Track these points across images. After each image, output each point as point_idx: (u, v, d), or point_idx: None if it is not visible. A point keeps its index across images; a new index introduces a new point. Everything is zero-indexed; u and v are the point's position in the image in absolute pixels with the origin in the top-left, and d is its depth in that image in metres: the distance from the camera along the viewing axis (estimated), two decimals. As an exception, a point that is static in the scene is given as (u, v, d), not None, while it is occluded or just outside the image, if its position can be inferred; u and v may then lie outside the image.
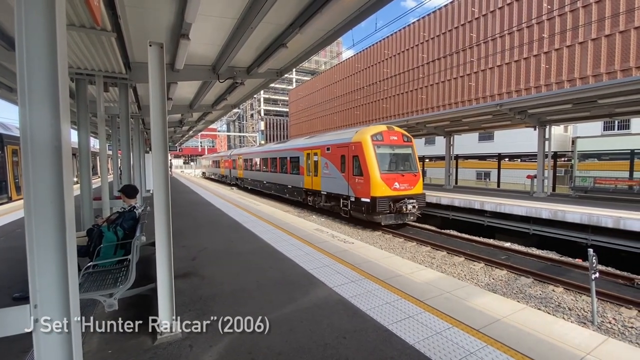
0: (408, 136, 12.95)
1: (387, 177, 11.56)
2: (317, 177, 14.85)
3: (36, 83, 1.70)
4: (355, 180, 12.12)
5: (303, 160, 16.30)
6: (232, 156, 32.75)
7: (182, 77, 7.59)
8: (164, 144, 3.07)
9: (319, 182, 14.65)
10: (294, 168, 17.47)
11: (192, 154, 79.06)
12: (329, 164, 13.86)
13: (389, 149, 12.35)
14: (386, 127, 12.76)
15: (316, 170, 14.92)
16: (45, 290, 1.78)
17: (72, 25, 4.13)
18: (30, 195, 1.74)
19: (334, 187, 13.54)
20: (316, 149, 15.04)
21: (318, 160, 14.75)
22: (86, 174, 6.68)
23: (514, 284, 7.03)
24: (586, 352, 2.77)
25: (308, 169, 15.76)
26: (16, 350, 2.81)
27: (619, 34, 22.09)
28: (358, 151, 11.97)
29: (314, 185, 15.16)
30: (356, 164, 12.08)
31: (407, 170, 12.39)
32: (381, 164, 11.64)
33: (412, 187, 12.08)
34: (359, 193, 11.93)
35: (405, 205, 11.38)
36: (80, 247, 4.08)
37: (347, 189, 12.63)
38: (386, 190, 11.40)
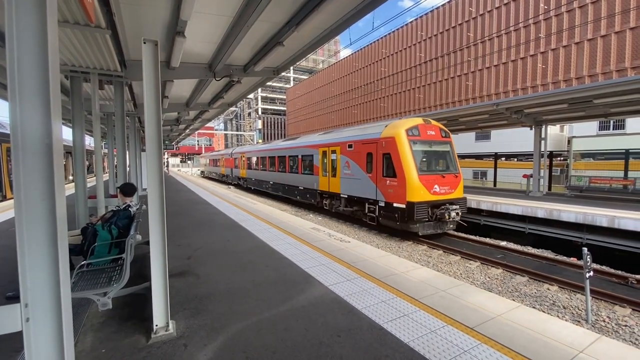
0: (446, 131, 11.21)
1: (426, 179, 9.86)
2: (335, 178, 13.24)
3: (27, 79, 1.68)
4: (386, 182, 10.42)
5: (318, 158, 14.65)
6: (233, 154, 30.51)
7: (178, 75, 7.55)
8: (159, 142, 3.05)
9: (338, 184, 13.02)
10: (307, 167, 15.89)
11: (189, 152, 78.78)
12: (351, 163, 12.17)
13: (427, 145, 10.62)
14: (422, 119, 10.89)
15: (334, 170, 13.30)
16: (36, 289, 1.76)
17: (66, 22, 4.10)
18: (21, 193, 1.72)
19: (357, 190, 11.88)
20: (334, 146, 13.36)
21: (337, 158, 13.08)
22: (81, 172, 6.64)
23: (509, 282, 7.07)
24: (579, 350, 2.79)
25: (324, 168, 14.16)
26: (8, 350, 2.78)
27: (615, 35, 22.23)
28: (390, 148, 10.25)
29: (332, 187, 13.55)
30: (387, 164, 10.41)
31: (448, 171, 10.66)
32: (419, 164, 9.99)
33: (453, 191, 10.40)
34: (391, 197, 10.23)
35: (447, 212, 9.74)
36: (75, 245, 4.06)
37: (374, 193, 10.94)
38: (425, 195, 9.74)
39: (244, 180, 27.23)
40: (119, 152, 7.69)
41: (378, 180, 10.83)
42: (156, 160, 3.06)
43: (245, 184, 26.74)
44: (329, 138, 14.27)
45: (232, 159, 30.97)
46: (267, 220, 9.08)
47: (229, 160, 32.28)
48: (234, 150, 31.43)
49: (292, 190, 17.51)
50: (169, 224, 3.19)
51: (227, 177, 33.11)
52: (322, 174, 14.36)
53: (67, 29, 4.27)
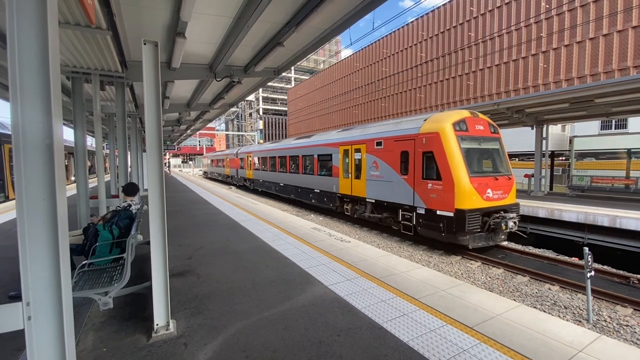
0: (494, 126, 9.85)
1: (478, 183, 8.43)
2: (359, 180, 11.76)
3: (28, 80, 1.70)
4: (428, 186, 8.96)
5: (337, 158, 13.13)
6: (239, 154, 28.74)
7: (178, 75, 7.58)
8: (159, 142, 3.07)
9: (363, 187, 11.54)
10: (324, 168, 14.37)
11: (191, 152, 78.96)
12: (380, 163, 10.71)
13: (475, 142, 9.18)
14: (468, 112, 9.45)
15: (358, 171, 11.84)
16: (38, 288, 1.78)
17: (67, 23, 4.12)
18: (22, 193, 1.74)
19: (387, 194, 10.40)
20: (359, 143, 11.85)
21: (362, 158, 11.58)
22: (82, 173, 6.67)
23: (510, 282, 7.06)
24: (578, 349, 2.79)
25: (345, 169, 12.67)
26: (10, 349, 2.81)
27: (617, 34, 22.15)
28: (433, 145, 8.82)
29: (355, 191, 12.07)
30: (429, 164, 9.00)
31: (500, 172, 9.20)
32: (469, 164, 8.55)
33: (507, 196, 9.01)
34: (434, 204, 8.82)
35: (504, 221, 8.33)
36: (76, 245, 4.09)
37: (411, 198, 9.51)
38: (477, 201, 8.35)
39: (250, 182, 25.67)
40: (120, 153, 7.73)
41: (416, 184, 9.35)
42: (157, 161, 3.08)
43: (252, 185, 25.17)
44: (351, 135, 12.64)
45: (237, 159, 29.43)
46: (267, 220, 9.10)
47: (234, 160, 30.70)
48: (240, 149, 29.74)
49: (306, 193, 15.95)
50: (170, 224, 3.22)
51: (232, 178, 31.77)
52: (342, 175, 12.85)
53: (68, 30, 4.30)
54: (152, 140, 3.03)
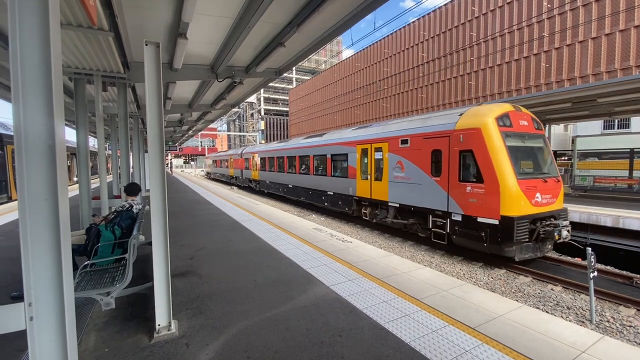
0: (538, 122, 8.85)
1: (527, 186, 7.44)
2: (380, 182, 10.84)
3: (29, 81, 1.70)
4: (466, 189, 7.96)
5: (354, 158, 12.19)
6: (244, 154, 27.59)
7: (180, 76, 7.60)
8: (161, 143, 3.07)
9: (385, 190, 10.59)
10: (338, 169, 13.50)
11: (193, 153, 79.15)
12: (405, 163, 9.74)
13: (520, 140, 8.17)
14: (511, 105, 8.46)
15: (379, 172, 10.89)
16: (40, 288, 1.79)
17: (69, 24, 4.14)
18: (25, 194, 1.74)
19: (415, 198, 9.45)
20: (379, 142, 10.89)
21: (383, 158, 10.63)
22: (85, 173, 6.69)
23: (512, 282, 7.04)
24: (581, 350, 2.77)
25: (363, 170, 11.78)
26: (13, 349, 2.82)
27: (619, 33, 22.05)
28: (473, 143, 7.81)
29: (375, 194, 11.11)
30: (467, 164, 8.03)
31: (548, 174, 8.25)
32: (515, 164, 7.55)
33: (555, 200, 8.02)
34: (474, 209, 7.79)
35: (557, 230, 7.37)
36: (78, 246, 4.10)
37: (444, 202, 8.54)
38: (526, 207, 7.37)
39: (256, 183, 24.62)
40: (122, 153, 7.75)
41: (451, 187, 8.35)
42: (158, 161, 3.08)
43: (258, 187, 24.12)
44: (370, 133, 11.67)
45: (242, 160, 28.31)
46: (269, 220, 9.11)
47: (238, 160, 29.56)
48: (245, 150, 28.60)
49: (317, 195, 15.03)
50: (172, 224, 3.22)
51: (236, 179, 30.66)
52: (360, 176, 11.91)
53: (71, 32, 4.31)
54: (153, 141, 3.04)
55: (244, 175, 27.62)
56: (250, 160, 25.58)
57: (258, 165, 23.70)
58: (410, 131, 9.80)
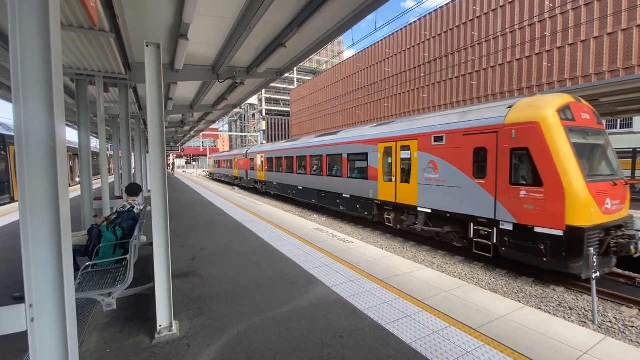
0: (599, 115, 7.80)
1: (597, 190, 6.35)
2: (407, 184, 9.71)
3: (30, 81, 1.71)
4: (519, 193, 6.82)
5: (376, 157, 11.08)
6: (249, 154, 26.38)
7: (181, 77, 7.61)
8: (162, 144, 3.07)
9: (413, 193, 9.48)
10: (356, 170, 12.45)
11: (194, 153, 79.32)
12: (440, 163, 8.61)
13: (583, 136, 7.04)
14: (571, 97, 7.32)
15: (406, 173, 9.77)
16: (41, 290, 1.79)
17: (71, 26, 4.15)
18: (25, 195, 1.75)
19: (452, 203, 8.29)
20: (407, 139, 9.74)
21: (411, 157, 9.53)
22: (87, 174, 6.71)
23: (514, 283, 7.01)
24: (583, 351, 2.76)
25: (387, 171, 10.65)
26: (15, 350, 2.82)
27: (621, 32, 21.96)
28: (529, 139, 6.68)
29: (401, 197, 9.98)
30: (521, 164, 6.93)
31: (615, 176, 7.13)
32: (582, 165, 6.44)
33: (623, 207, 7.03)
34: (530, 217, 6.65)
35: (634, 243, 6.32)
36: (80, 246, 4.11)
37: (491, 208, 7.38)
38: (596, 215, 6.28)
39: (262, 184, 23.39)
40: (124, 154, 7.76)
41: (500, 191, 7.21)
42: (159, 162, 3.09)
43: (265, 188, 22.92)
44: (395, 129, 10.50)
45: (247, 160, 27.07)
46: (270, 221, 9.11)
47: (243, 161, 28.27)
48: (250, 149, 27.19)
49: (331, 198, 13.97)
50: (174, 225, 3.23)
51: (241, 180, 29.41)
52: (382, 178, 10.79)
53: (72, 33, 4.33)
54: (154, 142, 3.04)
55: (249, 176, 26.51)
56: (256, 160, 24.47)
57: (265, 165, 22.55)
58: (445, 127, 8.54)
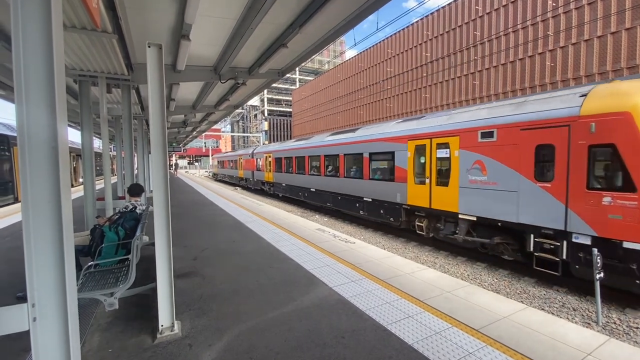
0: None
1: None
2: (445, 187, 8.50)
3: (33, 82, 1.71)
4: (601, 200, 5.79)
5: (404, 157, 9.84)
6: (256, 154, 25.15)
7: (183, 77, 7.64)
8: (164, 144, 3.08)
9: (453, 197, 8.27)
10: (379, 170, 11.26)
11: (197, 154, 79.61)
12: (488, 163, 7.45)
13: None
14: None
15: (444, 174, 8.60)
16: (43, 289, 1.80)
17: (73, 27, 4.18)
18: (28, 195, 1.75)
19: (505, 210, 7.11)
20: (445, 135, 8.52)
21: (451, 156, 8.36)
22: (89, 175, 6.75)
23: (517, 283, 6.97)
24: (587, 353, 2.74)
25: (418, 172, 9.47)
26: (17, 349, 2.84)
27: (625, 31, 21.82)
28: (617, 134, 5.62)
29: (437, 202, 8.77)
30: (603, 164, 5.98)
31: None
32: None
33: None
34: (618, 230, 5.63)
35: None
36: (83, 246, 4.13)
37: (560, 217, 6.30)
38: None
39: (270, 186, 22.20)
40: (126, 155, 7.80)
41: (573, 196, 6.13)
42: (161, 162, 3.10)
43: (272, 190, 21.68)
44: (429, 124, 9.24)
45: (253, 160, 25.78)
46: (272, 221, 9.12)
47: (249, 161, 26.95)
48: (257, 149, 25.93)
49: (350, 202, 12.76)
50: (176, 225, 3.23)
51: (247, 181, 28.06)
52: (413, 180, 9.58)
53: (75, 34, 4.35)
54: (156, 142, 3.05)
55: (256, 177, 25.18)
56: (263, 160, 23.13)
57: (273, 166, 21.24)
58: (496, 120, 7.38)
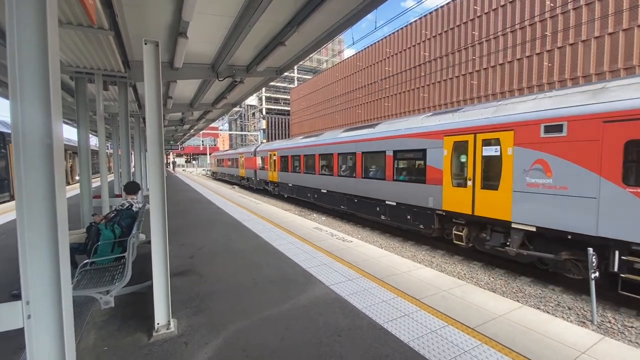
0: None
1: None
2: (495, 190, 7.23)
3: (27, 78, 1.70)
4: None
5: (439, 155, 8.58)
6: (259, 152, 23.89)
7: (181, 75, 7.60)
8: (160, 142, 3.07)
9: (505, 203, 7.00)
10: (407, 170, 10.17)
11: (194, 152, 79.37)
12: (554, 162, 6.31)
13: None
14: None
15: (493, 175, 7.36)
16: (37, 287, 1.79)
17: (69, 23, 4.15)
18: (22, 192, 1.74)
19: (577, 220, 5.99)
20: (495, 129, 7.26)
21: (502, 154, 7.09)
22: (86, 172, 6.71)
23: (513, 282, 7.01)
24: (581, 351, 2.76)
25: (456, 172, 8.24)
26: (13, 347, 2.82)
27: (623, 32, 21.92)
28: None
29: (482, 208, 7.50)
30: None
31: None
32: None
33: None
34: None
35: None
36: (79, 244, 4.11)
37: None
38: None
39: (274, 186, 21.13)
40: (123, 152, 7.76)
41: None
42: (157, 160, 3.08)
43: (277, 190, 20.61)
44: (471, 118, 7.96)
45: (255, 159, 24.50)
46: (269, 219, 9.11)
47: (251, 159, 25.53)
48: (260, 147, 24.73)
49: (369, 205, 11.45)
50: (173, 223, 3.23)
51: (248, 180, 26.87)
52: (450, 181, 8.31)
53: (71, 30, 4.32)
54: (153, 140, 3.04)
55: (259, 176, 23.95)
56: (267, 159, 21.87)
57: (278, 164, 20.03)
58: (568, 111, 6.26)
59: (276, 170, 20.30)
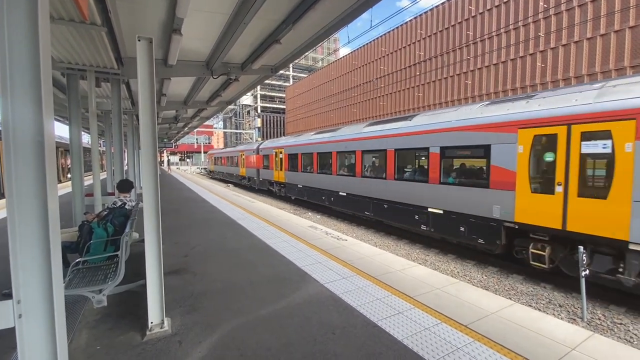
0: None
1: None
2: (600, 199, 5.57)
3: (18, 75, 1.68)
4: None
5: (512, 152, 6.78)
6: (262, 150, 21.77)
7: (175, 72, 7.54)
8: (154, 140, 3.05)
9: (620, 217, 5.32)
10: (459, 171, 8.48)
11: (188, 150, 78.78)
12: None
13: None
14: None
15: (600, 180, 5.77)
16: (29, 286, 1.77)
17: (61, 19, 4.09)
18: (13, 190, 1.72)
19: None
20: (600, 119, 5.55)
21: (614, 151, 5.39)
22: (78, 170, 6.63)
23: (506, 280, 7.09)
24: (571, 347, 2.81)
25: (535, 174, 6.55)
26: (4, 347, 2.79)
27: (614, 34, 22.23)
28: None
29: (579, 222, 5.83)
30: None
31: None
32: None
33: None
34: None
35: None
36: (71, 243, 4.07)
37: None
38: None
39: (280, 187, 19.23)
40: (116, 150, 7.68)
41: None
42: (151, 158, 3.06)
43: (285, 191, 18.57)
44: (560, 105, 6.21)
45: (258, 157, 22.53)
46: (264, 218, 9.09)
47: (253, 158, 23.59)
48: (263, 144, 22.59)
49: (404, 213, 9.66)
50: (167, 222, 3.21)
51: (250, 180, 24.73)
52: (528, 186, 6.54)
53: (62, 26, 4.26)
54: (146, 138, 3.02)
55: (262, 176, 21.95)
56: (272, 157, 19.90)
57: (285, 163, 18.16)
58: None
59: (283, 169, 18.32)
